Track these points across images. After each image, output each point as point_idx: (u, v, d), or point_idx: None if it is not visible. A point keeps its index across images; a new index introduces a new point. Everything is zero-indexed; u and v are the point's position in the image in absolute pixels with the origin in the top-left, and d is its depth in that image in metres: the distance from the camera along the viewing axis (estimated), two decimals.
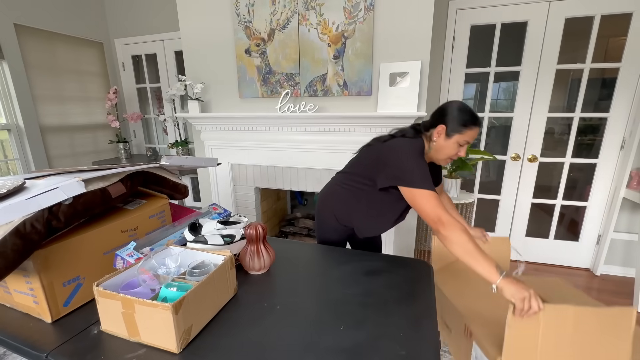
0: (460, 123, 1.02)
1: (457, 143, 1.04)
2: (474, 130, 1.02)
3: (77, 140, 2.90)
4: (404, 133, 1.16)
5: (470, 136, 1.03)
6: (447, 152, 1.07)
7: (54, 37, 2.65)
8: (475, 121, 1.02)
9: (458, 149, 1.05)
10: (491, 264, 0.89)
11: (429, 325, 0.76)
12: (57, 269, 0.77)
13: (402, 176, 1.03)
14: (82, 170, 0.90)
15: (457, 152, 1.06)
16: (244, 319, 0.78)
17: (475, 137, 1.04)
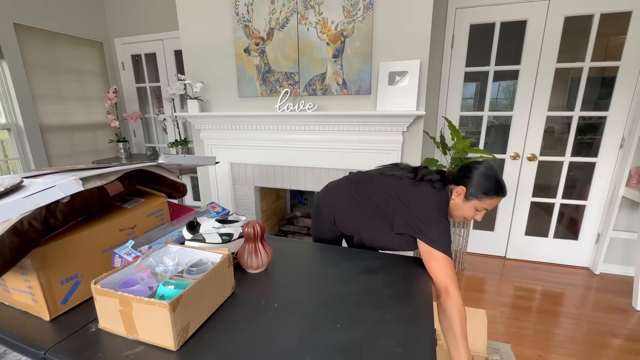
0: (482, 190, 1.00)
1: (475, 208, 1.02)
2: (495, 200, 1.00)
3: (77, 140, 2.91)
4: (431, 178, 1.10)
5: (489, 204, 1.00)
6: (463, 213, 1.06)
7: (54, 37, 2.65)
8: (498, 192, 0.99)
9: (475, 213, 1.04)
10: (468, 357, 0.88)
11: (425, 323, 0.76)
12: (55, 267, 0.77)
13: (425, 231, 1.00)
14: (80, 169, 0.90)
15: (474, 215, 1.04)
16: (242, 316, 0.78)
17: (495, 205, 1.01)
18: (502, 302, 1.99)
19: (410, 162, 1.94)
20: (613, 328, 1.75)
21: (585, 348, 1.61)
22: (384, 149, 1.91)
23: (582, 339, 1.67)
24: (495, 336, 1.69)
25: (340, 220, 1.26)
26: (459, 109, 2.39)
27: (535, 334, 1.72)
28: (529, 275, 2.29)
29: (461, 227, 2.32)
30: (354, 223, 1.22)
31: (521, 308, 1.93)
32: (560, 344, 1.64)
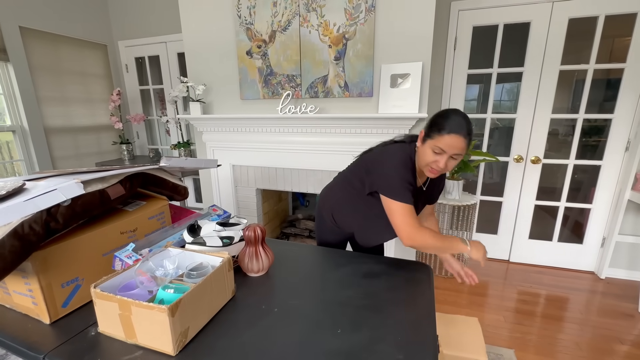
0: (434, 127, 0.94)
1: (432, 150, 0.94)
2: (447, 137, 0.90)
3: (80, 142, 2.93)
4: (403, 139, 1.12)
5: (444, 143, 0.91)
6: (424, 159, 0.98)
7: (59, 40, 2.68)
8: (448, 128, 0.90)
9: (434, 157, 0.94)
10: (456, 240, 1.02)
11: (427, 329, 0.75)
12: (55, 270, 0.77)
13: (382, 184, 1.02)
14: (82, 172, 0.90)
15: (435, 160, 0.94)
16: (242, 321, 0.78)
17: (453, 147, 0.90)
18: (505, 307, 1.97)
19: None
20: (619, 334, 1.73)
21: (590, 354, 1.59)
22: None
23: (587, 345, 1.65)
24: (498, 341, 1.67)
25: (337, 215, 1.26)
26: None
27: (539, 339, 1.69)
28: (533, 280, 2.27)
29: (464, 231, 2.30)
30: (348, 213, 1.22)
31: (525, 313, 1.91)
32: (564, 350, 1.61)
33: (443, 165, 0.94)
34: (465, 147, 0.92)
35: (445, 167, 0.95)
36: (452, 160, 0.94)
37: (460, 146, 0.91)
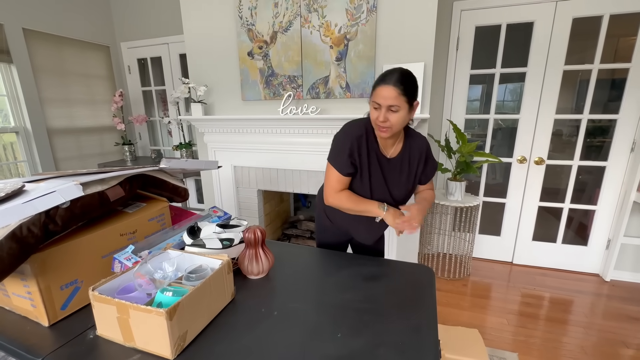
0: (373, 85, 1.01)
1: (373, 108, 1.00)
2: (378, 89, 0.96)
3: (83, 143, 2.94)
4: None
5: (377, 96, 0.96)
6: (371, 117, 1.02)
7: (62, 41, 2.69)
8: (378, 81, 0.97)
9: (375, 113, 0.99)
10: (373, 204, 1.08)
11: (429, 333, 0.74)
12: (54, 272, 0.77)
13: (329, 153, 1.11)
14: (81, 174, 0.90)
15: (376, 116, 0.98)
16: (241, 324, 0.77)
17: (385, 97, 0.94)
18: (509, 310, 1.95)
19: None
20: (625, 337, 1.70)
21: (595, 358, 1.56)
22: None
23: (592, 349, 1.62)
24: (501, 344, 1.65)
25: (329, 211, 1.25)
26: (464, 111, 2.36)
27: (543, 342, 1.67)
28: (536, 282, 2.24)
29: (467, 232, 2.29)
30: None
31: (529, 315, 1.89)
32: (569, 354, 1.59)
33: (383, 118, 0.97)
34: (397, 96, 0.94)
35: (386, 120, 0.97)
36: (391, 113, 0.96)
37: (391, 95, 0.93)
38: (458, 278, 2.29)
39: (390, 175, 1.11)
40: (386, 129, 0.99)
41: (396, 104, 0.94)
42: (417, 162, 1.12)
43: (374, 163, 1.08)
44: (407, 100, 0.96)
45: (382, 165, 1.09)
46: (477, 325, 1.80)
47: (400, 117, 0.97)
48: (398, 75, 0.94)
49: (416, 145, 1.11)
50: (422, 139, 1.13)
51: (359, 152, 1.06)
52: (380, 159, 1.09)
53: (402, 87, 0.94)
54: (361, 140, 1.06)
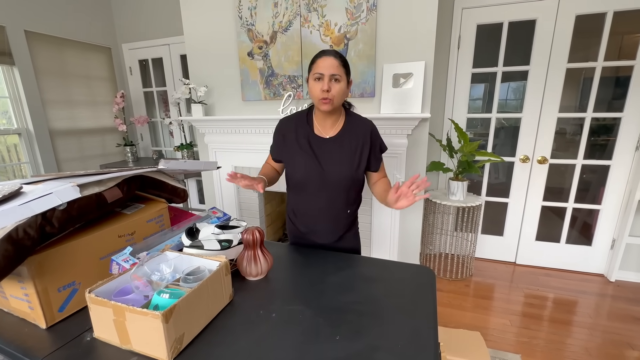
0: (310, 66, 1.06)
1: (314, 80, 1.03)
2: (319, 61, 1.02)
3: (85, 144, 2.95)
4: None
5: (320, 66, 1.01)
6: (313, 94, 1.05)
7: (63, 43, 2.71)
8: (317, 55, 1.04)
9: (317, 84, 1.02)
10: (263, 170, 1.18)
11: (428, 335, 0.73)
12: (52, 274, 0.76)
13: None
14: (79, 175, 0.90)
15: (320, 87, 1.01)
16: (239, 327, 0.76)
17: (327, 66, 1.00)
18: (511, 310, 1.93)
19: (416, 166, 1.91)
20: (630, 339, 1.68)
21: (592, 357, 1.54)
22: (388, 152, 1.86)
23: (596, 350, 1.60)
24: (504, 346, 1.64)
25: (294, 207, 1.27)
26: (466, 110, 2.34)
27: (546, 344, 1.65)
28: (540, 282, 2.22)
29: (469, 232, 2.27)
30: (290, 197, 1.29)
31: (532, 316, 1.87)
32: (573, 355, 1.57)
33: (327, 87, 1.00)
34: (338, 65, 1.01)
35: (329, 88, 1.01)
36: (334, 83, 1.01)
37: (334, 64, 1.00)
38: (460, 278, 2.28)
39: (325, 154, 1.12)
40: (328, 100, 1.02)
41: (338, 73, 1.00)
42: (360, 143, 1.12)
43: (303, 143, 1.12)
44: (345, 73, 1.03)
45: (313, 145, 1.12)
46: (479, 326, 1.79)
47: (342, 89, 1.02)
48: (335, 50, 1.05)
49: (358, 126, 1.13)
50: (366, 121, 1.15)
51: (284, 136, 1.15)
52: (312, 139, 1.13)
53: (341, 59, 1.02)
54: (288, 125, 1.16)
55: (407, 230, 2.04)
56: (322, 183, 1.12)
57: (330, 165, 1.11)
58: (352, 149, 1.12)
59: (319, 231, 1.22)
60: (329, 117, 1.11)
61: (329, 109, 1.04)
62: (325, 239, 1.23)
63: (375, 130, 1.14)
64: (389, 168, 1.89)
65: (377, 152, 1.15)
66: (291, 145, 1.14)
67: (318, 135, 1.13)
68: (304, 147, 1.12)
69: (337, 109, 1.09)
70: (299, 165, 1.13)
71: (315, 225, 1.21)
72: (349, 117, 1.14)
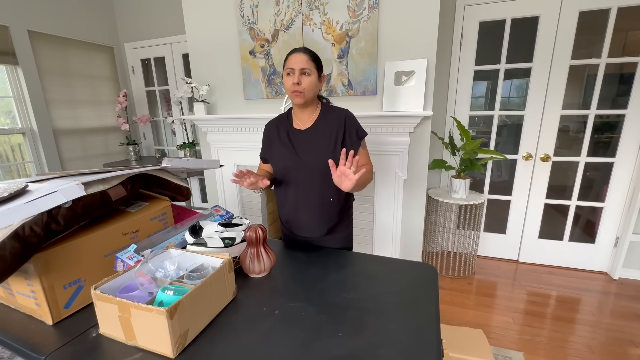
0: (284, 60, 1.14)
1: (286, 75, 1.11)
2: (290, 57, 1.09)
3: (88, 143, 2.97)
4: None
5: (291, 62, 1.09)
6: (285, 87, 1.13)
7: (66, 43, 2.72)
8: (291, 52, 1.11)
9: (289, 79, 1.09)
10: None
11: (431, 332, 0.73)
12: (57, 271, 0.77)
13: None
14: (84, 173, 0.90)
15: (292, 81, 1.08)
16: (242, 324, 0.77)
17: (297, 61, 1.07)
18: (514, 308, 1.92)
19: (418, 164, 1.91)
20: (633, 336, 1.67)
21: (603, 357, 1.54)
22: (390, 150, 1.88)
23: (599, 348, 1.60)
24: (507, 344, 1.64)
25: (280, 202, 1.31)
26: (468, 108, 2.33)
27: (549, 341, 1.65)
28: (543, 280, 2.21)
29: (471, 230, 2.26)
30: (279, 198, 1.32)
31: (535, 314, 1.87)
32: (576, 353, 1.57)
33: (297, 80, 1.07)
34: (307, 60, 1.08)
35: (300, 81, 1.08)
36: (304, 76, 1.08)
37: (303, 59, 1.08)
38: (463, 276, 2.27)
39: (302, 144, 1.17)
40: (299, 93, 1.09)
41: (307, 67, 1.08)
42: (335, 130, 1.16)
43: (283, 137, 1.20)
44: (316, 67, 1.11)
45: (291, 136, 1.19)
46: (482, 324, 1.79)
47: (312, 82, 1.10)
48: (305, 47, 1.13)
49: (333, 115, 1.17)
50: (341, 109, 1.19)
51: (269, 136, 1.24)
52: (290, 132, 1.20)
53: (310, 54, 1.10)
54: (272, 126, 1.25)
55: (409, 228, 2.05)
56: (299, 171, 1.17)
57: (306, 153, 1.17)
58: (326, 136, 1.16)
59: (304, 223, 1.23)
60: (305, 110, 1.18)
61: (301, 101, 1.12)
62: (310, 232, 1.23)
63: (350, 116, 1.18)
64: (391, 166, 1.89)
65: (354, 137, 1.17)
66: (274, 142, 1.22)
67: (296, 128, 1.20)
68: (283, 140, 1.20)
69: (311, 101, 1.15)
70: (278, 156, 1.20)
71: (298, 216, 1.23)
72: (324, 108, 1.20)
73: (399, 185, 1.92)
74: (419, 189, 1.94)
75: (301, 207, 1.20)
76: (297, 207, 1.21)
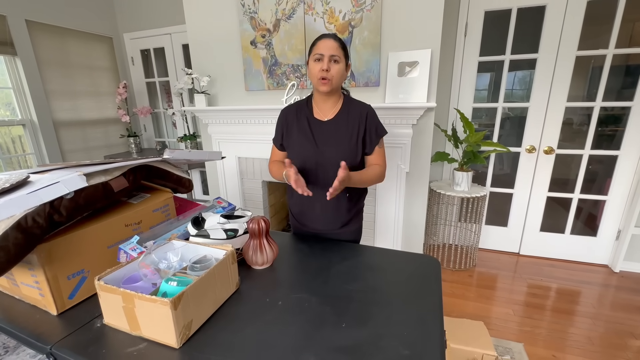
0: (310, 48, 1.10)
1: (314, 61, 1.06)
2: (319, 42, 1.06)
3: (89, 135, 2.96)
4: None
5: (321, 47, 1.05)
6: (313, 75, 1.08)
7: (65, 33, 2.68)
8: (318, 38, 1.08)
9: (317, 65, 1.05)
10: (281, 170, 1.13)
11: (434, 323, 0.73)
12: (61, 262, 0.77)
13: None
14: (85, 165, 0.90)
15: (320, 67, 1.04)
16: (245, 314, 0.77)
17: (327, 47, 1.04)
18: (515, 300, 1.94)
19: (421, 157, 1.90)
20: (634, 328, 1.68)
21: (602, 349, 1.55)
22: (392, 142, 1.86)
23: (599, 339, 1.61)
24: (507, 335, 1.65)
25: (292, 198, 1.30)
26: (472, 100, 2.31)
27: (549, 333, 1.66)
28: (544, 273, 2.22)
29: (473, 223, 2.26)
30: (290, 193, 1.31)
31: (535, 306, 1.88)
32: (575, 344, 1.58)
33: (326, 67, 1.04)
34: (338, 47, 1.05)
35: (329, 69, 1.04)
36: (334, 64, 1.05)
37: (333, 46, 1.04)
38: (464, 269, 2.28)
39: (323, 136, 1.14)
40: (327, 81, 1.05)
41: (337, 54, 1.04)
42: (357, 125, 1.13)
43: (303, 126, 1.15)
44: (344, 55, 1.07)
45: (312, 127, 1.15)
46: (482, 315, 1.80)
47: (340, 70, 1.06)
48: (334, 34, 1.09)
49: (355, 109, 1.14)
50: (363, 104, 1.17)
51: (287, 122, 1.19)
52: (311, 122, 1.16)
53: (339, 41, 1.07)
54: (290, 111, 1.19)
55: (411, 221, 2.04)
56: (317, 164, 1.14)
57: (326, 145, 1.13)
58: (348, 130, 1.13)
59: (319, 216, 1.22)
60: (328, 100, 1.14)
61: (328, 89, 1.07)
62: (324, 225, 1.23)
63: (372, 113, 1.16)
64: (393, 158, 1.88)
65: (373, 134, 1.15)
66: (292, 129, 1.18)
67: (317, 118, 1.16)
68: (303, 129, 1.16)
69: (335, 91, 1.12)
70: (297, 146, 1.17)
71: (313, 209, 1.22)
72: (347, 100, 1.17)
73: (401, 178, 1.91)
74: (421, 181, 1.94)
75: (317, 200, 1.18)
76: (313, 200, 1.18)
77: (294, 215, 1.30)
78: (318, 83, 1.07)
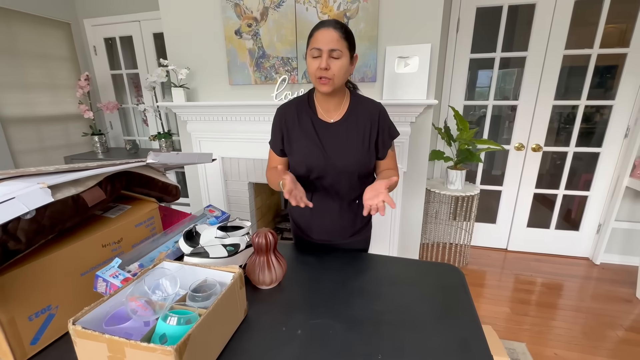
0: (308, 40, 0.93)
1: (311, 57, 0.91)
2: (317, 34, 0.89)
3: (45, 133, 2.61)
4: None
5: (318, 40, 0.88)
6: (311, 72, 0.93)
7: (11, 15, 2.33)
8: (315, 27, 0.90)
9: (315, 62, 0.90)
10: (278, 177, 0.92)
11: (479, 347, 0.65)
12: (19, 300, 0.60)
13: None
14: (48, 173, 0.72)
15: (318, 66, 0.89)
16: (260, 348, 0.65)
17: (326, 41, 0.87)
18: (510, 297, 1.95)
19: (418, 157, 1.84)
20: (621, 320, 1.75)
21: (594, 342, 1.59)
22: None
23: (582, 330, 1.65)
24: (507, 335, 1.64)
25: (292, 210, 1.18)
26: (463, 97, 2.29)
27: (548, 330, 1.68)
28: (532, 268, 2.27)
29: (464, 221, 2.26)
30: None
31: (529, 303, 1.90)
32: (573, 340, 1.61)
33: (325, 65, 0.88)
34: (338, 39, 0.88)
35: (328, 66, 0.88)
36: (333, 60, 0.89)
37: (333, 38, 0.87)
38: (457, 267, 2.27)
39: (330, 140, 0.99)
40: (327, 80, 0.90)
41: (338, 47, 0.87)
42: (368, 127, 0.99)
43: (307, 129, 1.00)
44: (348, 47, 0.90)
45: (318, 130, 1.00)
46: (481, 315, 1.79)
47: (343, 66, 0.90)
48: (335, 21, 0.90)
49: (365, 109, 1.00)
50: (374, 102, 1.03)
51: (287, 124, 1.02)
52: (316, 124, 1.00)
53: (342, 30, 0.89)
54: (289, 110, 1.02)
55: (408, 222, 1.99)
56: (325, 172, 1.01)
57: (335, 152, 0.99)
58: (359, 134, 0.99)
59: (326, 227, 1.11)
60: (332, 99, 0.99)
61: (329, 90, 0.92)
62: (332, 235, 1.12)
63: (384, 113, 1.02)
64: None
65: (386, 137, 1.02)
66: (294, 132, 1.02)
67: (322, 119, 1.01)
68: (307, 132, 1.00)
69: (339, 89, 0.97)
70: (302, 152, 1.01)
71: (321, 219, 1.10)
72: (354, 98, 1.02)
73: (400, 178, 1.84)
74: (419, 181, 1.88)
75: (325, 211, 1.06)
76: (320, 211, 1.06)
77: (298, 226, 1.17)
78: (317, 83, 0.93)
